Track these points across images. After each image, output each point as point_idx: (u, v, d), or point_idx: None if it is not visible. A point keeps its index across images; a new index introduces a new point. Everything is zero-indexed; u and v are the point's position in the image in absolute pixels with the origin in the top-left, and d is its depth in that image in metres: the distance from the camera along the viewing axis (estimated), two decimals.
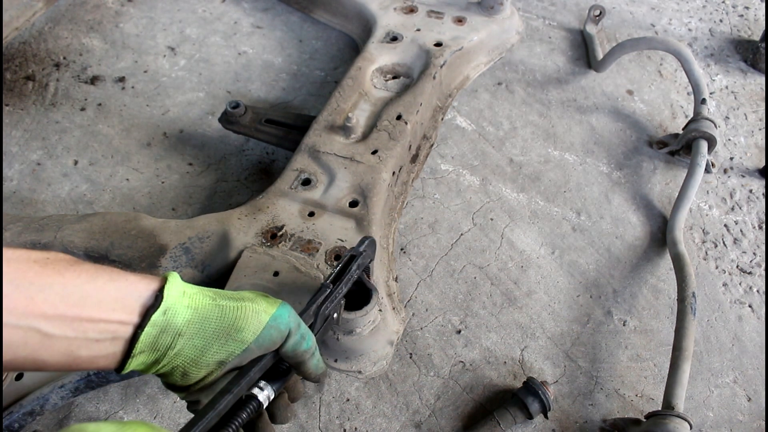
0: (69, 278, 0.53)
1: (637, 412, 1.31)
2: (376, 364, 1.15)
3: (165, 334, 0.57)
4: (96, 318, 0.54)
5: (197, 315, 0.59)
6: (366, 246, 1.02)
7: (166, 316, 0.57)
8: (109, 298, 0.55)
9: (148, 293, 0.58)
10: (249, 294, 0.69)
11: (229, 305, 0.63)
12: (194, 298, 0.60)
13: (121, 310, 0.55)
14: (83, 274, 0.55)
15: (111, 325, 0.55)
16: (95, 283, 0.55)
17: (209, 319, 0.60)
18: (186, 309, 0.59)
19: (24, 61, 1.96)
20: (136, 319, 0.56)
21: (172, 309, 0.57)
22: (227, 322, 0.61)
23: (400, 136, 1.48)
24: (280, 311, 0.67)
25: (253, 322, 0.63)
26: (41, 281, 0.51)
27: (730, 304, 1.52)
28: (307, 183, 1.39)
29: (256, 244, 1.24)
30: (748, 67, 2.20)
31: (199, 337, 0.60)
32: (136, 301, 0.57)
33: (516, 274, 1.53)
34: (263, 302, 0.67)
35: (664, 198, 1.73)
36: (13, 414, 1.07)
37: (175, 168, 1.71)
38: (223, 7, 2.24)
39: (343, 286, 0.94)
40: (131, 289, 0.57)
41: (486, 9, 1.94)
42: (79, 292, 0.53)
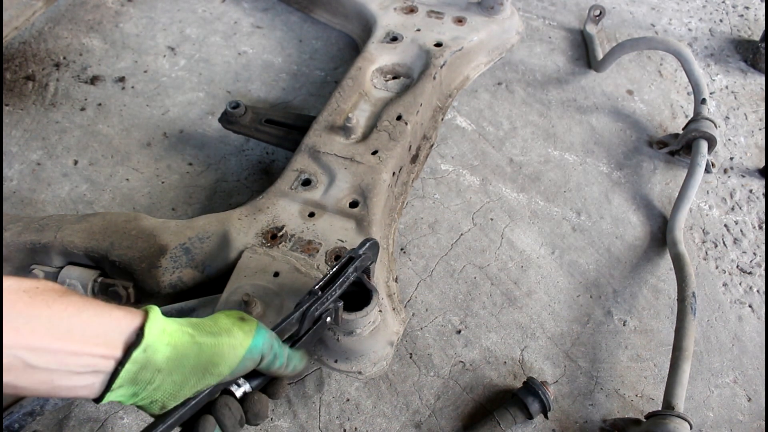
0: (56, 310, 0.55)
1: (637, 412, 1.31)
2: (376, 365, 1.15)
3: (145, 371, 0.59)
4: (79, 351, 0.55)
5: (176, 353, 0.62)
6: (366, 249, 1.02)
7: (146, 354, 0.59)
8: (93, 332, 0.57)
9: (130, 329, 0.59)
10: (226, 322, 0.71)
11: (207, 342, 0.65)
12: (173, 335, 0.62)
13: (103, 345, 0.57)
14: (70, 306, 0.56)
15: (93, 358, 0.56)
16: (81, 317, 0.56)
17: (188, 357, 0.63)
18: (166, 347, 0.61)
19: (24, 61, 1.96)
20: (118, 354, 0.58)
21: (153, 347, 0.59)
22: (205, 359, 0.64)
23: (400, 137, 1.48)
24: (255, 342, 0.71)
25: (230, 358, 0.67)
26: (29, 312, 0.53)
27: (730, 304, 1.52)
28: (308, 183, 1.39)
29: (257, 245, 1.24)
30: (748, 67, 2.20)
31: (177, 373, 0.62)
32: (118, 337, 0.58)
33: (516, 274, 1.53)
34: (239, 334, 0.69)
35: (664, 198, 1.73)
36: (13, 414, 1.07)
37: (175, 168, 1.71)
38: (223, 7, 2.24)
39: (336, 289, 0.95)
40: (115, 324, 0.58)
41: (486, 9, 1.94)
42: (65, 324, 0.55)
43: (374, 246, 1.05)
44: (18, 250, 1.22)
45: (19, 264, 1.24)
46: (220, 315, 0.73)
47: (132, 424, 1.22)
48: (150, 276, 1.19)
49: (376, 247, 1.06)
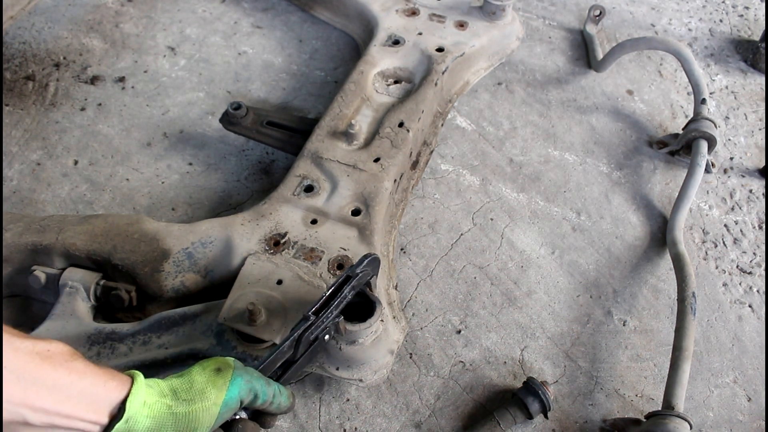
0: (61, 374, 0.61)
1: (637, 412, 1.32)
2: (377, 373, 1.15)
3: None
4: (72, 415, 0.62)
5: (155, 423, 0.68)
6: (365, 265, 1.01)
7: (127, 425, 0.65)
8: (88, 399, 0.63)
9: (117, 400, 0.66)
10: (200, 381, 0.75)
11: (182, 411, 0.71)
12: (153, 407, 0.68)
13: (93, 412, 0.64)
14: (74, 373, 0.63)
15: (83, 423, 0.63)
16: (80, 384, 0.63)
17: (166, 426, 0.69)
18: (145, 419, 0.67)
19: (24, 61, 1.96)
20: (105, 421, 0.65)
21: (134, 418, 0.66)
22: (182, 426, 0.71)
23: (402, 144, 1.48)
24: (230, 394, 0.75)
25: (205, 420, 0.72)
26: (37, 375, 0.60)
27: (730, 304, 1.53)
28: (310, 190, 1.39)
29: (260, 251, 1.24)
30: (748, 67, 2.20)
31: None
32: (107, 406, 0.65)
33: (516, 274, 1.54)
34: (212, 393, 0.74)
35: (664, 198, 1.74)
36: None
37: (175, 168, 1.71)
38: (223, 7, 2.24)
39: (333, 310, 0.95)
40: (106, 393, 0.65)
41: (487, 14, 1.93)
42: (65, 389, 0.61)
43: (374, 261, 1.05)
44: (19, 251, 1.22)
45: (20, 265, 1.24)
46: (196, 372, 0.77)
47: None
48: (153, 280, 1.19)
49: (376, 262, 1.05)
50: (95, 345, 1.15)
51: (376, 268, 1.06)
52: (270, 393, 0.81)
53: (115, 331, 1.16)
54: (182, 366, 1.15)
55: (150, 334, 1.15)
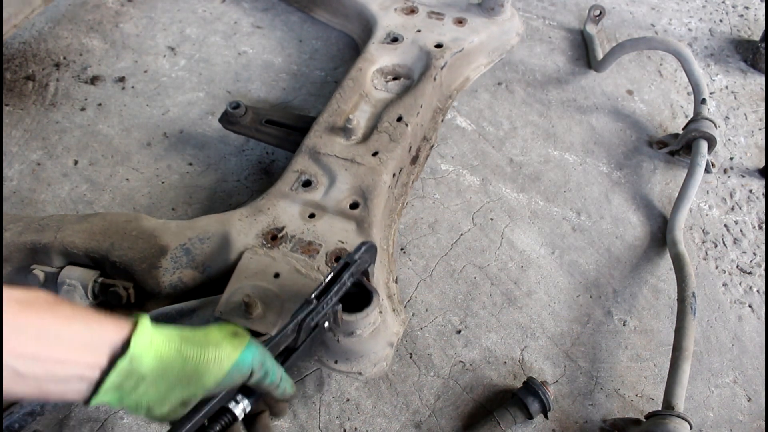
0: (47, 320, 0.57)
1: (637, 412, 1.31)
2: (377, 366, 1.15)
3: (129, 379, 0.62)
4: (66, 360, 0.58)
5: (161, 363, 0.64)
6: (363, 252, 1.01)
7: (131, 364, 0.61)
8: (81, 341, 0.59)
9: (117, 340, 0.62)
10: (217, 335, 0.71)
11: (192, 354, 0.66)
12: (160, 347, 0.64)
13: (90, 354, 0.60)
14: (60, 317, 0.59)
15: (79, 367, 0.59)
16: (70, 328, 0.59)
17: (172, 367, 0.65)
18: (151, 358, 0.63)
19: (24, 61, 1.96)
20: (104, 362, 0.61)
21: (138, 358, 0.62)
22: (189, 371, 0.66)
23: (401, 138, 1.48)
24: (244, 356, 0.71)
25: (215, 371, 0.68)
26: (19, 322, 0.55)
27: (730, 304, 1.52)
28: (308, 184, 1.39)
29: (257, 246, 1.24)
30: (748, 67, 2.20)
31: (162, 381, 0.64)
32: (105, 347, 0.61)
33: (516, 274, 1.53)
34: (228, 347, 0.70)
35: (664, 198, 1.74)
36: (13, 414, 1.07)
37: (175, 168, 1.71)
38: (223, 7, 2.24)
39: (333, 296, 0.94)
40: (103, 334, 0.61)
41: (486, 10, 1.94)
42: (54, 334, 0.58)
43: (371, 249, 1.04)
44: (18, 251, 1.22)
45: (19, 264, 1.24)
46: (213, 327, 0.73)
47: (132, 424, 1.22)
48: (150, 276, 1.19)
49: (373, 249, 1.05)
50: None
51: (374, 256, 1.05)
52: (278, 374, 0.78)
53: None
54: None
55: None
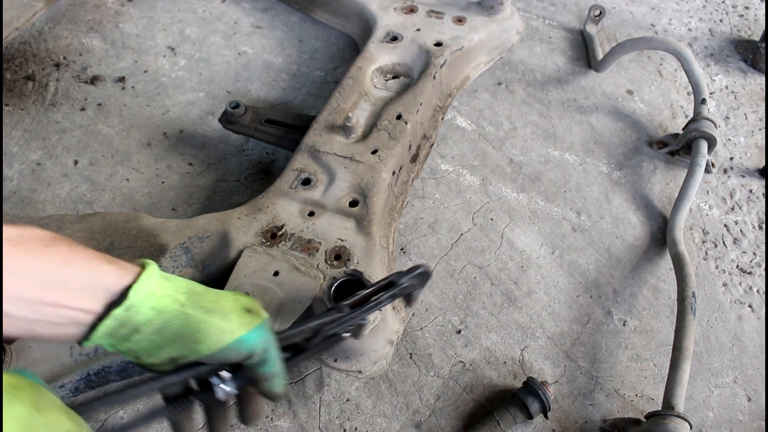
0: (39, 261, 0.54)
1: (637, 412, 1.31)
2: (376, 364, 1.15)
3: (124, 328, 0.58)
4: (58, 303, 0.54)
5: (159, 317, 0.60)
6: (412, 277, 0.92)
7: (128, 313, 0.58)
8: (77, 285, 0.55)
9: (117, 286, 0.58)
10: (229, 304, 0.67)
11: (195, 316, 0.62)
12: (162, 300, 0.60)
13: (85, 299, 0.56)
14: (55, 257, 0.55)
15: (72, 311, 0.56)
16: (65, 269, 0.55)
17: (170, 324, 0.61)
18: (150, 310, 0.59)
19: (24, 61, 1.96)
20: (99, 309, 0.57)
21: (136, 307, 0.58)
22: (187, 332, 0.62)
23: (400, 136, 1.48)
24: (248, 336, 0.66)
25: (213, 341, 0.63)
26: (9, 262, 0.52)
27: (730, 304, 1.52)
28: (307, 183, 1.39)
29: (256, 244, 1.24)
30: (748, 67, 2.20)
31: (156, 335, 0.61)
32: (102, 293, 0.57)
33: (516, 274, 1.53)
34: (236, 321, 0.65)
35: (664, 198, 1.73)
36: None
37: (175, 168, 1.71)
38: (223, 7, 2.24)
39: (365, 312, 0.86)
40: (101, 280, 0.57)
41: (486, 9, 1.94)
42: (47, 276, 0.54)
43: (424, 275, 0.94)
44: None
45: None
46: (228, 294, 0.69)
47: None
48: None
49: (426, 276, 0.95)
50: None
51: (424, 282, 0.96)
52: (276, 367, 0.72)
53: None
54: None
55: None
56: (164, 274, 0.63)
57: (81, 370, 1.12)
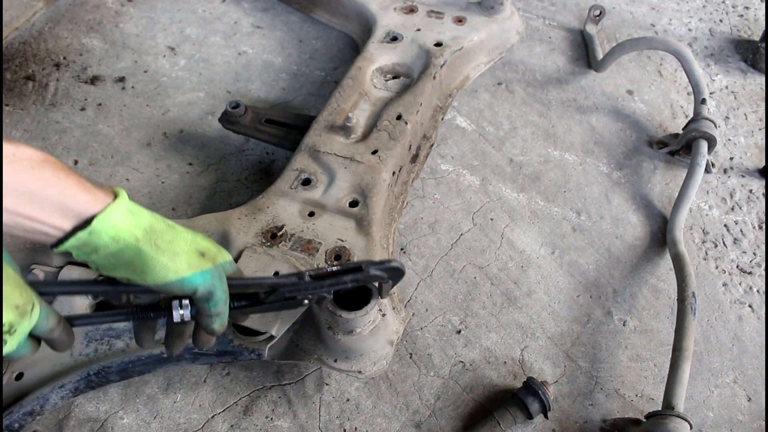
0: (24, 180, 0.62)
1: (637, 412, 1.31)
2: (376, 364, 1.15)
3: (86, 246, 0.68)
4: (34, 218, 0.64)
5: (115, 245, 0.69)
6: (382, 269, 0.94)
7: (90, 237, 0.67)
8: (52, 206, 0.64)
9: (86, 214, 0.67)
10: (182, 245, 0.74)
11: (146, 252, 0.70)
12: (120, 232, 0.69)
13: (58, 218, 0.65)
14: (40, 179, 0.63)
15: (45, 226, 0.65)
16: (45, 191, 0.63)
17: (124, 252, 0.70)
18: (108, 238, 0.68)
19: (24, 61, 1.96)
20: (67, 228, 0.66)
21: (97, 233, 0.67)
22: (137, 263, 0.71)
23: (400, 136, 1.48)
24: (192, 278, 0.74)
25: (158, 275, 0.72)
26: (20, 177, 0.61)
27: (730, 304, 1.52)
28: (307, 183, 1.39)
29: (256, 244, 1.24)
30: (748, 67, 2.20)
31: (112, 258, 0.70)
32: (73, 217, 0.66)
33: (516, 274, 1.53)
34: (183, 262, 0.73)
35: (664, 198, 1.73)
36: (13, 414, 1.07)
37: (175, 168, 1.71)
38: (223, 7, 2.24)
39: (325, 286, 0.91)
40: (74, 205, 0.66)
41: (486, 9, 1.94)
42: (29, 194, 0.62)
43: (394, 271, 0.96)
44: (18, 250, 1.22)
45: (19, 264, 1.24)
46: (187, 236, 0.76)
47: (132, 424, 1.22)
48: None
49: (397, 273, 0.97)
50: (93, 341, 1.15)
51: (396, 278, 0.98)
52: (219, 309, 0.80)
53: (113, 327, 1.16)
54: (178, 362, 1.15)
55: None
56: (131, 208, 0.71)
57: (81, 370, 1.12)
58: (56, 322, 0.71)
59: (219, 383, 1.29)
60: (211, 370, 1.31)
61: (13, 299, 0.63)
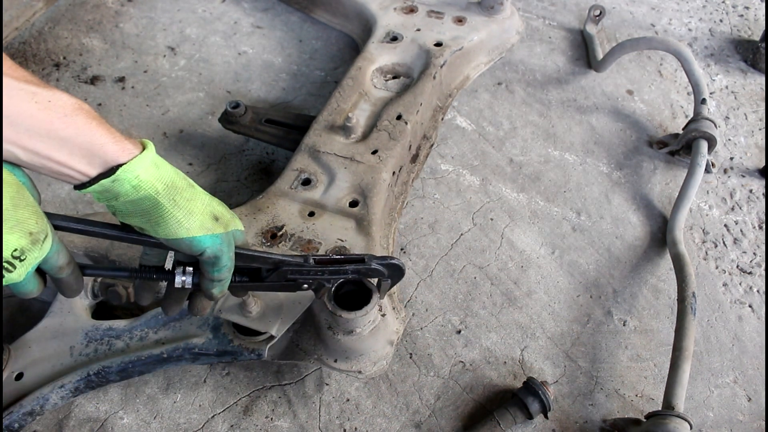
0: (57, 126, 0.63)
1: (637, 412, 1.31)
2: (377, 364, 1.15)
3: (108, 193, 0.70)
4: (63, 163, 0.66)
5: (135, 193, 0.70)
6: (383, 265, 0.97)
7: (113, 184, 0.68)
8: (80, 153, 0.66)
9: (111, 163, 0.68)
10: (199, 207, 0.76)
11: (164, 205, 0.72)
12: (143, 183, 0.70)
13: (85, 165, 0.67)
14: (71, 127, 0.65)
15: (71, 171, 0.67)
16: (76, 139, 0.65)
17: (142, 201, 0.71)
18: (130, 187, 0.69)
19: (24, 61, 1.96)
20: (93, 174, 0.68)
21: (120, 182, 0.68)
22: (153, 214, 0.72)
23: (400, 136, 1.48)
24: (202, 239, 0.76)
25: (170, 230, 0.73)
26: (31, 124, 0.62)
27: (730, 304, 1.52)
28: (307, 183, 1.39)
29: (257, 244, 1.24)
30: (748, 67, 2.20)
31: (131, 205, 0.72)
32: (99, 164, 0.68)
33: (516, 274, 1.53)
34: (196, 222, 0.75)
35: (664, 198, 1.73)
36: (13, 414, 1.07)
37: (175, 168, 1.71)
38: (223, 7, 2.24)
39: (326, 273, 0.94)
40: (102, 153, 0.67)
41: (486, 9, 1.94)
42: (59, 140, 0.64)
43: (394, 268, 0.99)
44: None
45: None
46: (205, 198, 0.78)
47: (132, 424, 1.22)
48: None
49: (399, 271, 1.00)
50: (93, 342, 1.15)
51: (396, 277, 1.01)
52: (223, 275, 0.82)
53: (112, 327, 1.16)
54: (178, 362, 1.15)
55: (147, 330, 1.15)
56: (157, 161, 0.73)
57: (81, 370, 1.12)
58: (66, 261, 0.73)
59: (219, 383, 1.29)
60: (211, 370, 1.31)
61: (28, 225, 0.63)
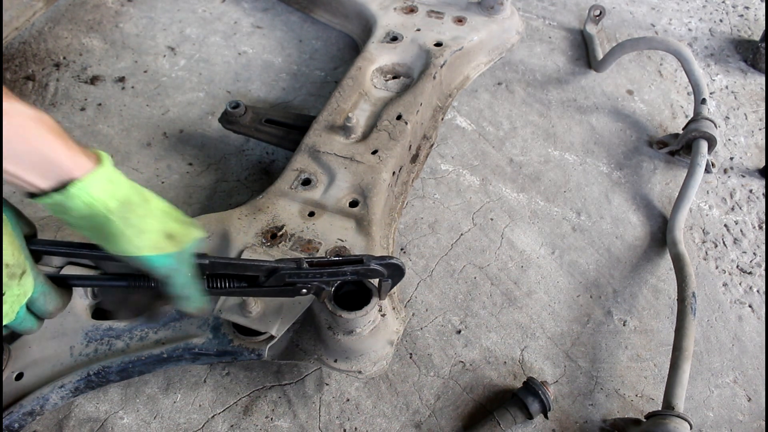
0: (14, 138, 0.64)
1: (637, 412, 1.31)
2: (377, 364, 1.15)
3: (60, 206, 0.70)
4: (15, 174, 0.67)
5: (87, 210, 0.70)
6: (382, 265, 0.96)
7: (65, 199, 0.69)
8: (36, 166, 0.67)
9: (65, 178, 0.69)
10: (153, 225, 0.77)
11: (115, 223, 0.72)
12: (95, 200, 0.70)
13: (38, 178, 0.68)
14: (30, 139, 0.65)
15: (25, 183, 0.68)
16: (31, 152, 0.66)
17: (94, 218, 0.72)
18: (82, 204, 0.70)
19: (24, 61, 1.96)
20: (45, 187, 0.69)
21: (71, 198, 0.69)
22: (105, 231, 0.73)
23: (400, 136, 1.48)
24: (156, 260, 0.77)
25: (121, 248, 0.74)
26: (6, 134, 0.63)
27: (730, 304, 1.52)
28: (307, 183, 1.39)
29: (256, 244, 1.24)
30: (748, 67, 2.20)
31: (82, 221, 0.72)
32: (53, 178, 0.68)
33: (516, 274, 1.53)
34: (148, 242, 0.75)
35: (664, 198, 1.73)
36: (13, 414, 1.07)
37: (175, 168, 1.71)
38: (223, 7, 2.24)
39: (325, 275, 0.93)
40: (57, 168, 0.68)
41: (486, 9, 1.94)
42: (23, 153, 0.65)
43: (395, 268, 0.98)
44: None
45: None
46: (159, 215, 0.79)
47: (132, 424, 1.22)
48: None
49: (399, 271, 0.99)
50: (93, 342, 1.15)
51: (397, 277, 1.00)
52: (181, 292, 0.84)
53: (113, 327, 1.16)
54: (178, 362, 1.15)
55: (147, 330, 1.16)
56: (112, 177, 0.73)
57: (81, 370, 1.12)
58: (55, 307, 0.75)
59: (219, 383, 1.29)
60: (211, 370, 1.31)
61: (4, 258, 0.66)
